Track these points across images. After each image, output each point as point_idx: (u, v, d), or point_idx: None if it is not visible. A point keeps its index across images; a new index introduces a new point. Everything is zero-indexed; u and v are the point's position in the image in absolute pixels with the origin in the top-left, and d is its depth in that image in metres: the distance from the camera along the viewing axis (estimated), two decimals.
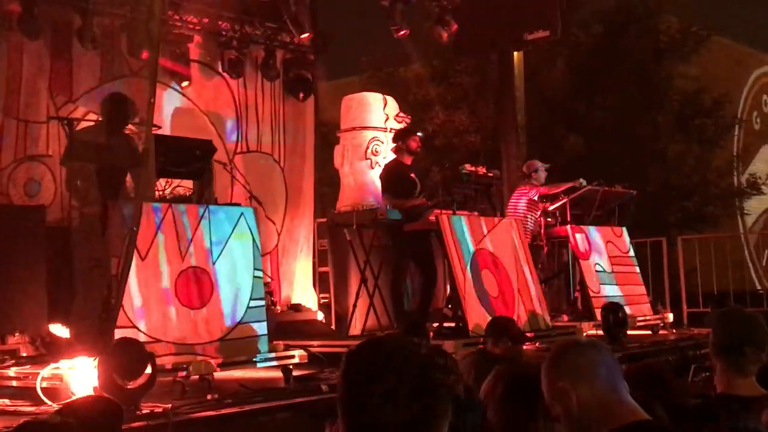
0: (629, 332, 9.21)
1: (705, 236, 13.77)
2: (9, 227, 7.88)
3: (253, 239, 7.17)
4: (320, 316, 10.42)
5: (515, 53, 12.72)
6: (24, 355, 7.09)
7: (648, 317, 10.40)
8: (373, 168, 10.82)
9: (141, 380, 5.50)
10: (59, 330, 7.21)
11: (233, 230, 7.01)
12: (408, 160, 8.72)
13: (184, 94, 11.19)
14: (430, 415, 1.68)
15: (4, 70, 9.70)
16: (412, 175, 8.67)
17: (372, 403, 1.65)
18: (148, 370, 5.57)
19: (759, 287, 15.23)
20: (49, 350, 6.61)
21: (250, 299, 6.96)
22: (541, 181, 10.47)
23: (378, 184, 9.27)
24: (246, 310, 6.90)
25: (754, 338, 3.46)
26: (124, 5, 9.99)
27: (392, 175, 8.68)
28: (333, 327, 9.61)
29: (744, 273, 14.88)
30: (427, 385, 1.68)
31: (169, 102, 10.89)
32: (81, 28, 10.20)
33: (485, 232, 8.65)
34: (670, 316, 10.75)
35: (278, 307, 10.39)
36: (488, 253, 8.58)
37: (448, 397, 1.72)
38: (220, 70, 11.80)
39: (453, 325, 8.32)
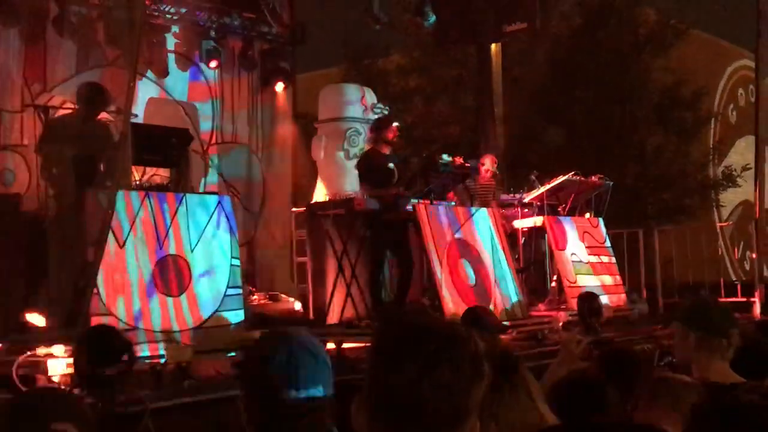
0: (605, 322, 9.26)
1: (681, 227, 13.88)
2: None
3: (230, 227, 7.17)
4: (298, 305, 10.42)
5: (493, 45, 12.74)
6: None
7: (623, 307, 10.47)
8: (350, 158, 10.85)
9: (118, 367, 5.49)
10: (35, 318, 7.17)
11: (210, 218, 7.02)
12: (386, 149, 8.73)
13: (158, 84, 11.14)
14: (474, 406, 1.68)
15: None
16: (390, 164, 8.67)
17: (424, 389, 1.64)
18: (125, 357, 5.56)
19: (734, 278, 15.32)
20: (25, 338, 6.57)
21: (227, 287, 6.97)
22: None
23: (355, 174, 9.28)
24: (223, 299, 6.92)
25: (734, 321, 3.58)
26: None
27: (369, 164, 8.67)
28: (311, 317, 9.61)
29: (720, 265, 14.98)
30: (481, 375, 1.68)
31: (143, 92, 10.82)
32: (57, 17, 10.13)
33: (462, 221, 8.67)
34: (646, 307, 10.84)
35: (256, 297, 10.38)
36: (465, 242, 8.62)
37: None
38: (196, 60, 11.75)
39: None
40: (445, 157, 8.77)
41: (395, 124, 8.98)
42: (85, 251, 6.31)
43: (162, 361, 6.16)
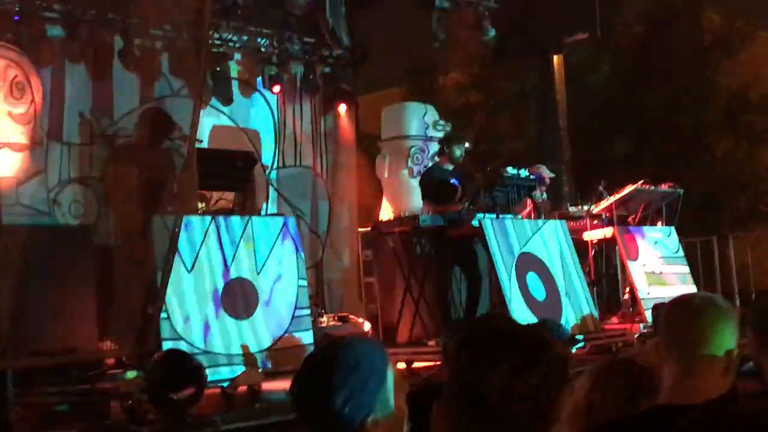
0: None
1: (757, 233, 13.52)
2: (57, 248, 7.96)
3: (297, 248, 7.19)
4: (367, 326, 10.39)
5: (555, 57, 12.62)
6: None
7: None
8: (414, 176, 10.82)
9: (188, 391, 5.53)
10: (109, 345, 7.27)
11: (276, 240, 7.04)
12: (449, 165, 8.68)
13: (222, 111, 11.27)
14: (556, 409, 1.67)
15: (47, 94, 9.87)
16: (453, 180, 8.61)
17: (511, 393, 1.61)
18: (196, 380, 5.60)
19: None
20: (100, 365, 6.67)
21: (295, 308, 6.99)
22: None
23: (419, 192, 9.25)
24: (291, 320, 6.92)
25: None
26: (164, 25, 10.10)
27: (432, 180, 8.64)
28: (380, 337, 9.58)
29: None
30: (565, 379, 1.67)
31: (207, 119, 10.96)
32: (122, 51, 10.35)
33: (530, 234, 8.56)
34: None
35: (325, 319, 10.39)
36: (533, 256, 8.50)
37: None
38: (259, 86, 11.88)
39: None
40: (509, 170, 8.68)
41: (467, 144, 8.94)
42: (153, 276, 6.38)
43: (233, 384, 6.17)
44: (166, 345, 6.11)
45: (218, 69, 11.34)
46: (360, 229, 12.07)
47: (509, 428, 1.60)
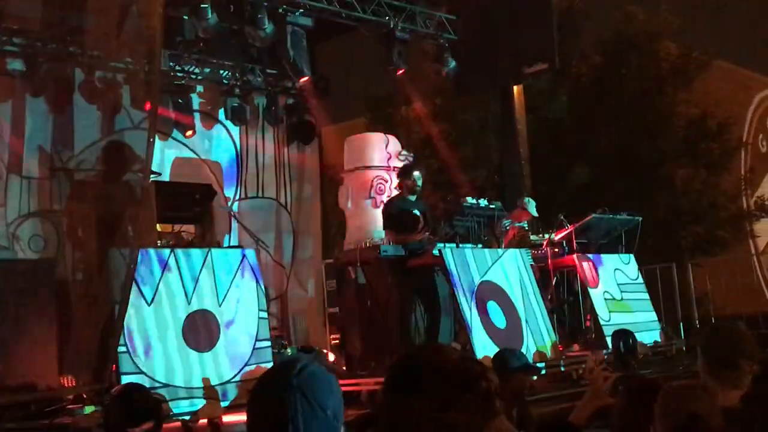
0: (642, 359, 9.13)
1: (714, 260, 13.70)
2: (18, 282, 7.90)
3: (257, 280, 7.20)
4: (331, 357, 10.39)
5: (515, 87, 12.77)
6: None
7: (660, 343, 10.32)
8: (377, 206, 10.85)
9: (147, 425, 5.49)
10: (68, 380, 7.21)
11: (236, 272, 7.05)
12: (410, 196, 8.75)
13: (184, 144, 11.30)
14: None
15: (7, 129, 9.85)
16: (414, 210, 8.67)
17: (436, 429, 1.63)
18: (155, 415, 5.56)
19: None
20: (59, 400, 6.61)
21: (256, 340, 6.97)
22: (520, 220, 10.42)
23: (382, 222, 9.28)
24: (252, 352, 6.91)
25: (746, 350, 3.46)
26: (125, 58, 10.12)
27: (393, 211, 8.69)
28: (344, 367, 9.57)
29: (759, 297, 14.75)
30: (492, 414, 1.68)
31: (169, 151, 11.00)
32: (83, 83, 10.35)
33: (490, 263, 8.63)
34: (682, 342, 10.68)
35: (288, 350, 10.37)
36: (494, 284, 8.56)
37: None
38: (221, 118, 11.92)
39: None
40: (469, 200, 8.76)
41: (417, 172, 9.00)
42: (111, 310, 6.36)
43: (193, 417, 6.15)
44: (126, 379, 6.08)
45: (180, 101, 11.40)
46: (324, 260, 12.11)
47: None
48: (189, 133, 11.45)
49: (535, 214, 10.45)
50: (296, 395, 1.90)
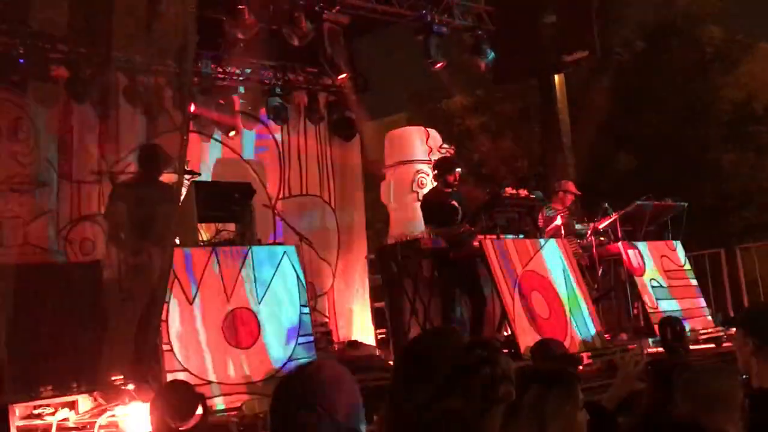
0: (693, 347, 9.02)
1: (764, 245, 13.46)
2: (67, 284, 8.06)
3: (298, 276, 7.27)
4: (377, 351, 10.44)
5: (556, 76, 12.70)
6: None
7: (710, 330, 10.19)
8: (419, 200, 10.89)
9: (193, 421, 5.58)
10: (117, 380, 7.35)
11: (277, 269, 7.13)
12: (448, 188, 8.77)
13: (226, 144, 11.42)
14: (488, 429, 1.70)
15: (55, 135, 10.04)
16: (453, 202, 8.69)
17: (434, 416, 1.65)
18: (199, 411, 5.65)
19: None
20: (106, 399, 6.75)
21: (298, 335, 7.04)
22: (566, 203, 10.39)
23: None
24: (295, 347, 6.98)
25: None
26: (167, 60, 10.25)
27: (432, 204, 8.72)
28: (391, 362, 9.62)
29: None
30: (494, 400, 1.69)
31: (212, 152, 11.13)
32: (127, 87, 10.51)
33: (532, 253, 8.61)
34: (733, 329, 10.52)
35: (335, 345, 10.45)
36: (536, 274, 8.54)
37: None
38: (263, 118, 12.02)
39: (506, 351, 8.26)
40: (508, 190, 8.75)
41: (458, 169, 9.01)
42: (146, 306, 6.46)
43: (239, 413, 6.24)
44: (171, 377, 6.19)
45: (222, 102, 11.52)
46: (369, 255, 12.17)
47: None
48: (232, 133, 11.57)
49: (577, 192, 10.39)
50: (300, 408, 1.94)
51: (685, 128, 15.70)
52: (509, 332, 8.37)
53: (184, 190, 7.04)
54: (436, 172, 9.08)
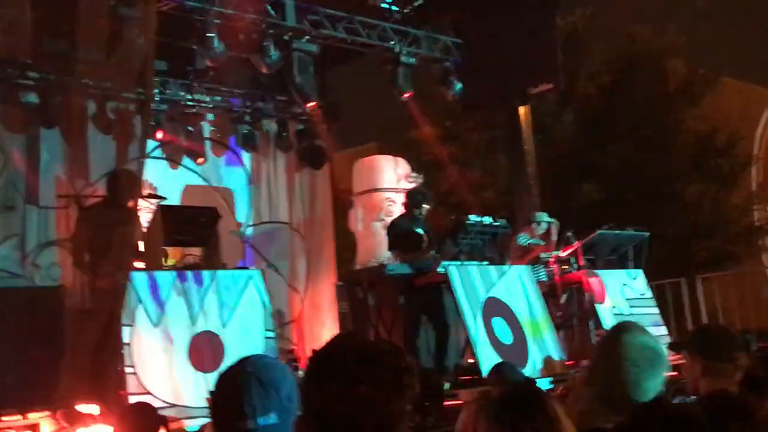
0: None
1: (724, 275, 13.70)
2: (29, 308, 8.07)
3: (263, 301, 7.33)
4: None
5: (521, 107, 12.90)
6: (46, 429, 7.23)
7: (671, 358, 10.33)
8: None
9: None
10: (82, 406, 7.36)
11: (242, 293, 7.19)
12: (414, 216, 8.89)
13: (195, 171, 11.49)
14: (398, 416, 1.81)
15: (24, 160, 10.08)
16: (418, 229, 8.81)
17: (347, 404, 1.77)
18: None
19: None
20: (69, 422, 6.76)
21: None
22: (538, 231, 10.54)
23: None
24: None
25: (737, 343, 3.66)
26: (135, 87, 10.33)
27: (398, 230, 8.83)
28: None
29: None
30: (400, 387, 1.81)
31: (181, 179, 11.19)
32: (96, 114, 10.58)
33: (495, 280, 8.73)
34: None
35: (300, 373, 10.47)
36: (499, 301, 8.66)
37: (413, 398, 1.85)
38: (232, 145, 12.11)
39: (470, 377, 8.36)
40: (472, 218, 8.89)
41: (423, 193, 9.12)
42: (104, 327, 6.50)
43: None
44: (134, 399, 6.22)
45: (191, 129, 11.61)
46: (337, 282, 12.24)
47: None
48: (200, 160, 11.65)
49: (551, 220, 10.52)
50: (251, 379, 2.12)
51: (649, 160, 15.97)
52: (473, 358, 8.45)
53: (150, 215, 7.12)
54: (406, 201, 9.19)
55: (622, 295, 10.43)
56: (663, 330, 10.70)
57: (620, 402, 2.96)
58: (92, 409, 7.29)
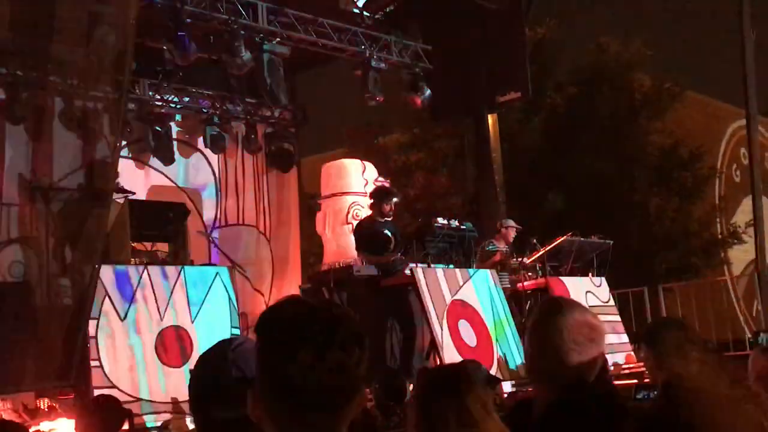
0: (616, 381, 9.24)
1: (685, 285, 13.88)
2: None
3: (230, 298, 7.33)
4: None
5: (489, 116, 13.01)
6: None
7: (632, 365, 10.46)
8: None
9: None
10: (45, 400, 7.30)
11: (209, 289, 7.19)
12: (382, 218, 8.93)
13: (161, 171, 11.44)
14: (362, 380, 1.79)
15: None
16: (385, 231, 8.84)
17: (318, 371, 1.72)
18: (126, 427, 5.67)
19: (749, 335, 15.21)
20: (31, 416, 6.71)
21: None
22: (508, 239, 10.66)
23: None
24: None
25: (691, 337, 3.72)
26: (104, 86, 10.26)
27: (364, 231, 8.87)
28: None
29: (730, 322, 14.93)
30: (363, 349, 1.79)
31: (147, 179, 11.14)
32: (62, 111, 10.49)
33: (461, 283, 8.79)
34: None
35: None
36: (465, 304, 8.72)
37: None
38: (200, 146, 12.08)
39: None
40: (439, 220, 8.95)
41: (394, 199, 9.17)
42: (85, 326, 6.47)
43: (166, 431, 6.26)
44: (98, 392, 6.18)
45: (159, 129, 11.56)
46: (302, 285, 12.22)
47: (323, 405, 1.69)
48: (168, 161, 11.60)
49: (518, 227, 10.64)
50: (231, 367, 2.10)
51: (614, 171, 16.16)
52: (438, 360, 8.49)
53: (116, 209, 7.09)
54: (372, 201, 9.22)
55: (586, 302, 10.53)
56: (624, 338, 10.83)
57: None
58: (55, 402, 7.28)
